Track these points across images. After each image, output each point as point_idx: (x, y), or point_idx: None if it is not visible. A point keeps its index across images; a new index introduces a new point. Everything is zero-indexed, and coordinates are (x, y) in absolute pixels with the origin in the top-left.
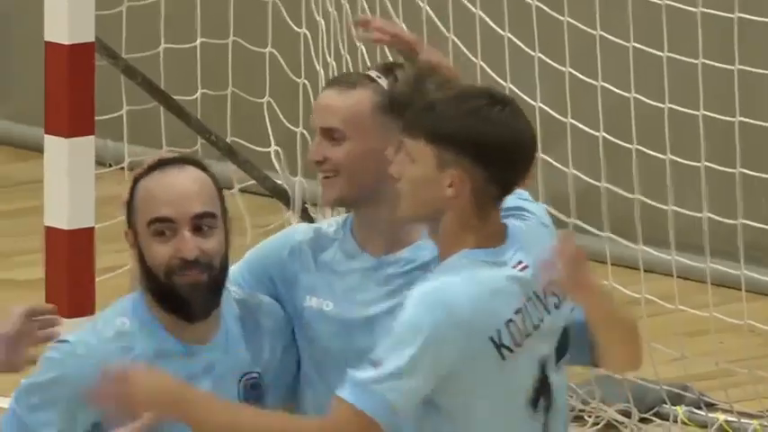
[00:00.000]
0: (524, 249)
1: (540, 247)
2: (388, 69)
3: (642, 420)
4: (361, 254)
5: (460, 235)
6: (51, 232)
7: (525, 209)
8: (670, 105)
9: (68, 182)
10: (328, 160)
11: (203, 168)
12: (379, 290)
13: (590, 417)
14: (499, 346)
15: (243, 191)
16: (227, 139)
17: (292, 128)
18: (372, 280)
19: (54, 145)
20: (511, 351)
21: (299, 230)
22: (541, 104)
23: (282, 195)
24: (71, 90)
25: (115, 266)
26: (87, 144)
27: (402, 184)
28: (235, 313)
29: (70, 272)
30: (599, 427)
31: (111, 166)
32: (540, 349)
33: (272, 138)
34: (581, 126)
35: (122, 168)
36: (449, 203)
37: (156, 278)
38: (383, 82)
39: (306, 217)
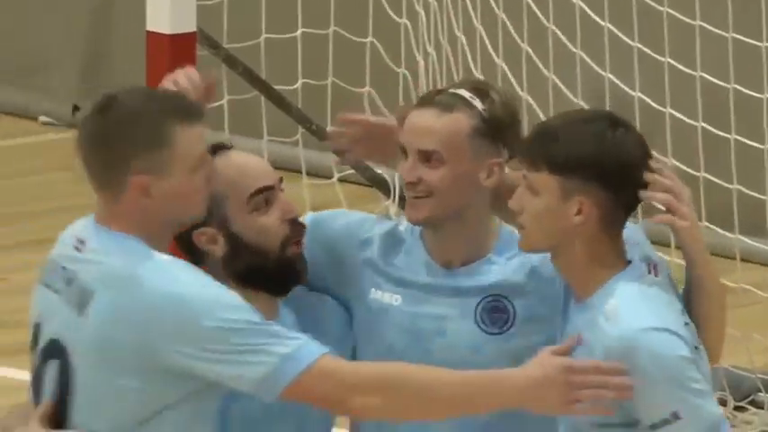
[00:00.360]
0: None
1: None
2: (481, 91)
3: (737, 408)
4: (432, 263)
5: (593, 262)
6: None
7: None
8: None
9: None
10: (423, 182)
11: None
12: (448, 300)
13: None
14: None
15: (342, 180)
16: (328, 129)
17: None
18: (442, 291)
19: None
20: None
21: (377, 221)
22: (640, 94)
23: (381, 185)
24: None
25: None
26: None
27: (524, 218)
28: (293, 304)
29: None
30: None
31: None
32: None
33: None
34: (680, 116)
35: None
36: (576, 231)
37: (266, 255)
38: (478, 104)
39: (404, 206)
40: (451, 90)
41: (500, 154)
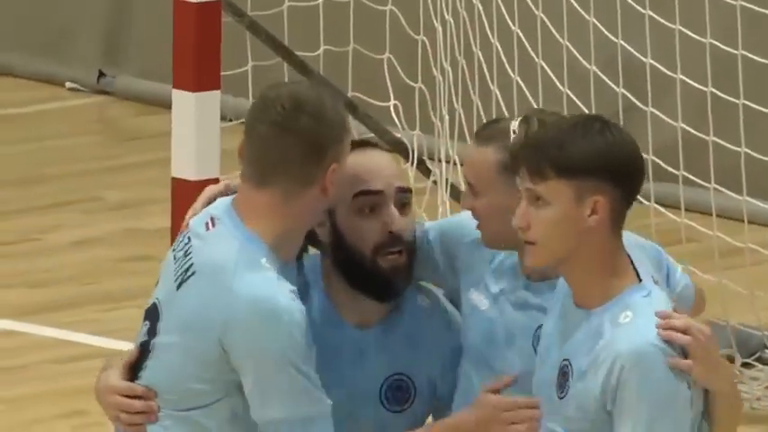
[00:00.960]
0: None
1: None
2: (524, 121)
3: (745, 365)
4: (519, 274)
5: (603, 269)
6: (178, 183)
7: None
8: None
9: (195, 135)
10: (473, 210)
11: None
12: (521, 314)
13: None
14: None
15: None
16: (349, 94)
17: (411, 83)
18: (518, 302)
19: (181, 99)
20: None
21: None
22: (652, 60)
23: (401, 148)
24: (198, 47)
25: None
26: (213, 98)
27: (534, 233)
28: (415, 311)
29: None
30: None
31: (231, 120)
32: None
33: (391, 93)
34: (690, 81)
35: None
36: (590, 233)
37: (360, 257)
38: (515, 137)
39: (422, 169)
40: (504, 122)
41: None
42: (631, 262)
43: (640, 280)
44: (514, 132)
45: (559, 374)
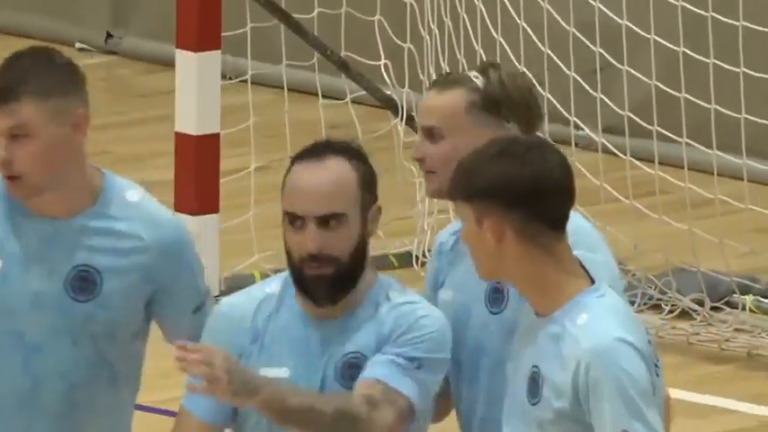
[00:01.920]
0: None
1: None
2: (483, 69)
3: (714, 309)
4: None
5: (540, 278)
6: (181, 137)
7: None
8: (744, 23)
9: (197, 92)
10: (428, 158)
11: (352, 157)
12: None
13: (666, 305)
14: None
15: (355, 101)
16: (342, 54)
17: (400, 43)
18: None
19: (184, 59)
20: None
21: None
22: (627, 22)
23: (391, 105)
24: (200, 9)
25: (238, 169)
26: (214, 58)
27: (469, 250)
28: (379, 301)
29: (198, 173)
30: (674, 314)
31: (231, 78)
32: None
33: (381, 52)
34: (663, 42)
35: (244, 81)
36: (500, 253)
37: (290, 260)
38: (479, 81)
39: (411, 125)
40: (461, 73)
41: (504, 129)
42: (583, 266)
43: (593, 282)
44: (477, 78)
45: (530, 381)
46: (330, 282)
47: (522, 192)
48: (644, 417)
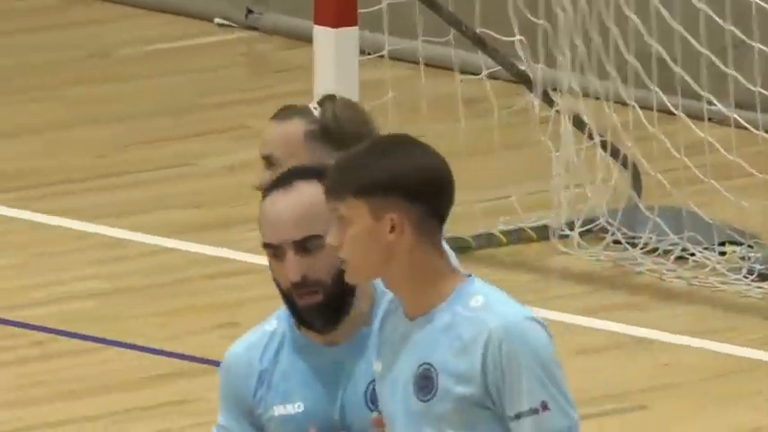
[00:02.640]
0: None
1: None
2: (322, 101)
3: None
4: None
5: (424, 276)
6: None
7: None
8: None
9: (335, 68)
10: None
11: (321, 178)
12: None
13: None
14: None
15: (490, 77)
16: (477, 30)
17: (534, 20)
18: None
19: (322, 35)
20: None
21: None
22: (758, 0)
23: (526, 80)
24: None
25: None
26: (352, 34)
27: (344, 251)
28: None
29: None
30: None
31: (368, 54)
32: None
33: (516, 29)
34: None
35: (381, 56)
36: (396, 248)
37: (281, 293)
38: (317, 112)
39: (546, 100)
40: (300, 105)
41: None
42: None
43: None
44: (315, 109)
45: (419, 379)
46: (323, 308)
47: (424, 185)
48: (560, 386)
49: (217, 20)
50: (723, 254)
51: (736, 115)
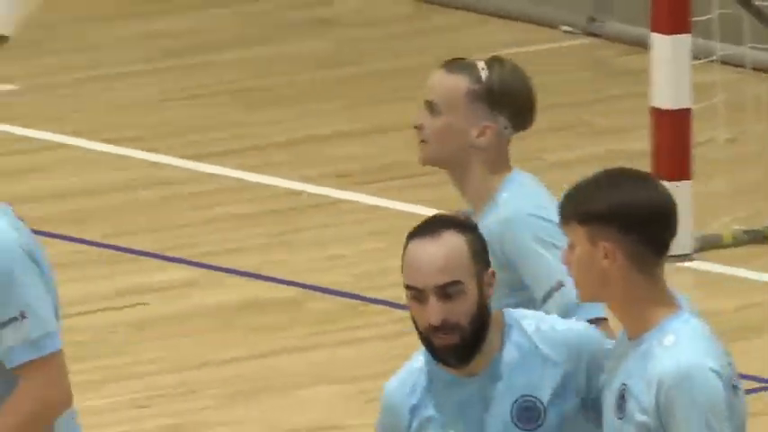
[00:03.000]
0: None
1: None
2: (491, 62)
3: None
4: None
5: (638, 301)
6: (655, 111)
7: None
8: None
9: (669, 71)
10: (422, 127)
11: (464, 230)
12: None
13: None
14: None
15: None
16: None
17: None
18: None
19: (658, 41)
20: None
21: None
22: None
23: None
24: None
25: (708, 140)
26: (685, 40)
27: (572, 272)
28: (519, 343)
29: (672, 143)
30: None
31: (699, 59)
32: None
33: None
34: None
35: (711, 61)
36: (610, 274)
37: (419, 333)
38: (484, 73)
39: None
40: (470, 59)
41: (495, 120)
42: (671, 291)
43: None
44: (483, 69)
45: (618, 398)
46: (458, 349)
47: (639, 217)
48: None
49: (563, 27)
50: None
51: None
